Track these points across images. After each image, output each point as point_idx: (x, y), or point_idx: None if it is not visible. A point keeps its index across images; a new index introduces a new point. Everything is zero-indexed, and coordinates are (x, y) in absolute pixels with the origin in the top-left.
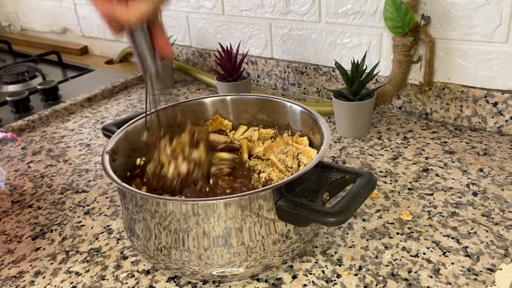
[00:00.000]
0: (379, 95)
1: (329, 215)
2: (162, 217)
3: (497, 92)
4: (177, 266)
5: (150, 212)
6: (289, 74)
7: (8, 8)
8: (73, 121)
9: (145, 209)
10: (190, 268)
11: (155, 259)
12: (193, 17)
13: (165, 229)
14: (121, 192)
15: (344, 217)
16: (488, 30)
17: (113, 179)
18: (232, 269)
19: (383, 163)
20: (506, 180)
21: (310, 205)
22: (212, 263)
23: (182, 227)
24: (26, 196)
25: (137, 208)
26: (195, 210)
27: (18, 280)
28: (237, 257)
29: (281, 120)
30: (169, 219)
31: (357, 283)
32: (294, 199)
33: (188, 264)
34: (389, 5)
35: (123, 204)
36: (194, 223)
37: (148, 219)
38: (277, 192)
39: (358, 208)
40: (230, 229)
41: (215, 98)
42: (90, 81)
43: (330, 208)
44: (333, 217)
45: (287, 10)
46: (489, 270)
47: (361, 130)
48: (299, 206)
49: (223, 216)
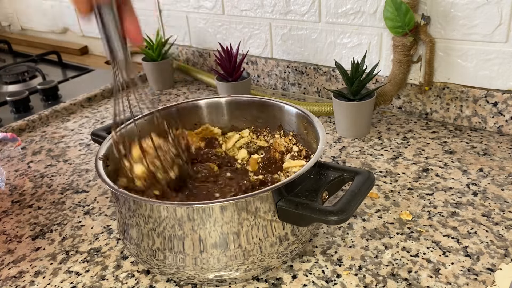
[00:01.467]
0: (379, 95)
1: (331, 214)
2: (156, 222)
3: (497, 92)
4: (172, 271)
5: (144, 217)
6: (289, 74)
7: (8, 8)
8: (73, 121)
9: (138, 213)
10: (186, 273)
11: (149, 263)
12: (193, 17)
13: (159, 236)
14: (115, 196)
15: (346, 215)
16: (488, 30)
17: (107, 182)
18: (230, 273)
19: (383, 163)
20: (506, 180)
21: (311, 204)
22: (208, 268)
23: (176, 232)
24: (26, 196)
25: (130, 212)
26: (189, 215)
27: (18, 280)
28: (234, 260)
29: (275, 121)
30: (163, 224)
31: (357, 283)
32: (295, 199)
33: (184, 269)
34: (389, 5)
35: (116, 207)
36: (190, 229)
37: (142, 224)
38: (277, 193)
39: (358, 206)
40: (226, 233)
41: (208, 100)
42: (90, 81)
43: (332, 206)
44: (335, 216)
45: (287, 10)
46: (489, 270)
47: (361, 130)
48: (301, 206)
49: (219, 219)
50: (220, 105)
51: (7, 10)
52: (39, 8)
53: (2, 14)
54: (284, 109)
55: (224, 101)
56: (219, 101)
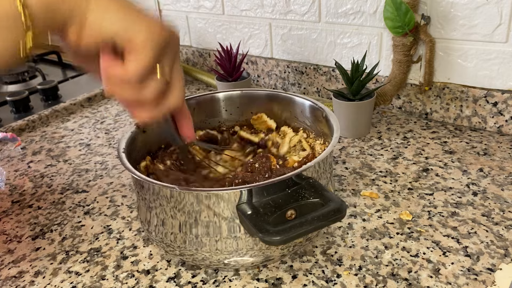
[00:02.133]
0: (379, 95)
1: (266, 233)
2: (177, 203)
3: (497, 92)
4: (191, 252)
5: (166, 198)
6: (289, 74)
7: None
8: (73, 121)
9: (161, 196)
10: (202, 254)
11: (172, 246)
12: (193, 17)
13: (182, 215)
14: (139, 184)
15: (278, 241)
16: (488, 30)
17: (131, 169)
18: (237, 258)
19: (383, 163)
20: (506, 180)
21: (260, 217)
22: (222, 250)
23: (197, 215)
24: (26, 196)
25: (154, 196)
26: (204, 200)
27: (18, 280)
28: (245, 244)
29: (289, 115)
30: (184, 208)
31: (357, 283)
32: (255, 207)
33: (201, 250)
34: (389, 5)
35: (139, 195)
36: (208, 210)
37: (165, 205)
38: (248, 194)
39: (304, 234)
40: (234, 218)
41: (223, 93)
42: (90, 81)
43: (273, 226)
44: (270, 236)
45: (287, 10)
46: (489, 270)
47: (361, 130)
48: (249, 216)
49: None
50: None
51: None
52: None
53: None
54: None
55: (236, 94)
56: (232, 94)
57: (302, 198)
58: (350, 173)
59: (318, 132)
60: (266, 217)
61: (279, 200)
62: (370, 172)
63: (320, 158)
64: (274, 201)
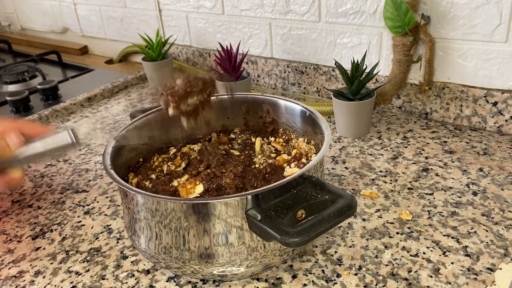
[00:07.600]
0: (379, 95)
1: (286, 235)
2: (163, 215)
3: (497, 91)
4: (178, 265)
5: (151, 211)
6: (289, 74)
7: (8, 8)
8: (73, 121)
9: (146, 208)
10: (191, 268)
11: (156, 258)
12: (193, 16)
13: (166, 228)
14: (122, 192)
15: (301, 240)
16: (488, 30)
17: (115, 178)
18: (232, 269)
19: (383, 162)
20: (506, 179)
21: (274, 220)
22: (213, 262)
23: (182, 225)
24: (26, 196)
25: (138, 207)
26: (195, 209)
27: (18, 279)
28: (238, 256)
29: (279, 119)
30: (170, 218)
31: (357, 282)
32: (265, 211)
33: (189, 263)
34: (389, 5)
35: (124, 204)
36: (195, 221)
37: (149, 218)
38: (252, 200)
39: (323, 232)
40: (230, 228)
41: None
42: (90, 81)
43: (292, 227)
44: (290, 238)
45: (287, 9)
46: (489, 269)
47: (361, 129)
48: (264, 220)
49: (224, 214)
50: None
51: (7, 10)
52: (39, 8)
53: (2, 14)
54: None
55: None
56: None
57: (311, 197)
58: (350, 173)
59: (300, 132)
60: (280, 219)
61: (288, 201)
62: (370, 172)
63: (321, 156)
64: (283, 202)
